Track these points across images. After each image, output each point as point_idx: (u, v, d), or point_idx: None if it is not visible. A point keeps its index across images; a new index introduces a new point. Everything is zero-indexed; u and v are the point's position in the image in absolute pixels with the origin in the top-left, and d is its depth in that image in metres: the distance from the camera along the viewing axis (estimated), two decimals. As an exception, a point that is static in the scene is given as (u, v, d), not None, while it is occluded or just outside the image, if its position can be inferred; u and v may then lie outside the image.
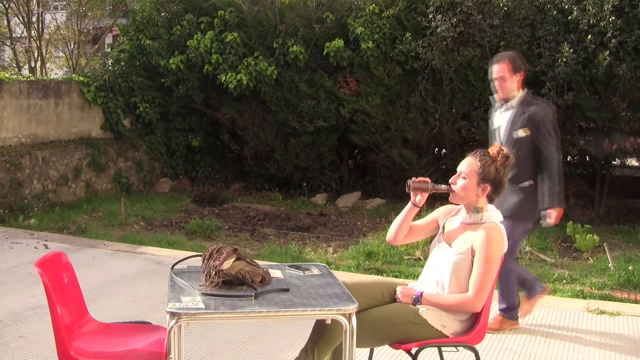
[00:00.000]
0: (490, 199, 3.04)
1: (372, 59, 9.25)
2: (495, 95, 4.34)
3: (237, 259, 2.86)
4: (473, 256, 2.93)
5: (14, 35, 13.96)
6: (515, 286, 4.41)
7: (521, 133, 4.18)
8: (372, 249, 6.85)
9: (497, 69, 4.24)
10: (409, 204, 3.15)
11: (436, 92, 9.11)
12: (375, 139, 9.56)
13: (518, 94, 4.26)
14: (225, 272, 2.78)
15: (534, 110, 4.19)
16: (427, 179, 3.09)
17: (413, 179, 3.10)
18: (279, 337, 4.32)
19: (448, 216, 3.19)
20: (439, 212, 3.24)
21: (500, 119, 4.33)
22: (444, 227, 3.17)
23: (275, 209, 9.50)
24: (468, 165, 3.04)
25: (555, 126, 4.27)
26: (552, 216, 4.22)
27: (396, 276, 5.97)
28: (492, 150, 3.06)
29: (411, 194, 3.12)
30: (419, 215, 3.24)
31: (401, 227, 3.19)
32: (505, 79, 4.22)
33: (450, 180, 3.07)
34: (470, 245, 2.95)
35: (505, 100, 4.28)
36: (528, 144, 4.18)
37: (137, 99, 10.57)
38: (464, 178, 3.01)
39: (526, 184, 4.23)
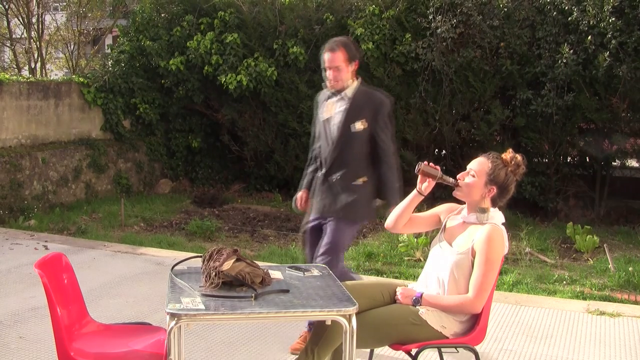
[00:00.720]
0: (494, 203, 3.03)
1: (372, 60, 9.25)
2: (327, 85, 3.91)
3: (237, 260, 2.86)
4: (473, 256, 2.93)
5: (14, 36, 13.96)
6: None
7: (359, 126, 3.82)
8: (372, 250, 6.85)
9: (331, 58, 3.79)
10: (414, 191, 3.12)
11: (436, 93, 9.10)
12: (375, 140, 9.55)
13: (352, 84, 3.87)
14: (225, 273, 2.78)
15: (371, 102, 3.87)
16: (437, 167, 3.08)
17: (425, 162, 3.08)
18: (279, 338, 4.32)
19: (450, 214, 3.18)
20: (441, 208, 3.23)
21: (332, 111, 3.92)
22: (445, 225, 3.17)
23: (275, 210, 9.49)
24: (479, 164, 3.02)
25: (391, 117, 3.94)
26: None
27: (396, 277, 5.97)
28: (506, 155, 3.04)
29: (419, 178, 3.09)
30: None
31: (402, 215, 3.16)
32: (340, 68, 3.79)
33: (458, 176, 3.06)
34: (471, 246, 2.95)
35: (339, 90, 3.87)
36: (364, 137, 3.84)
37: (137, 100, 10.57)
38: (473, 176, 3.01)
39: (360, 181, 3.88)
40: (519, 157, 3.04)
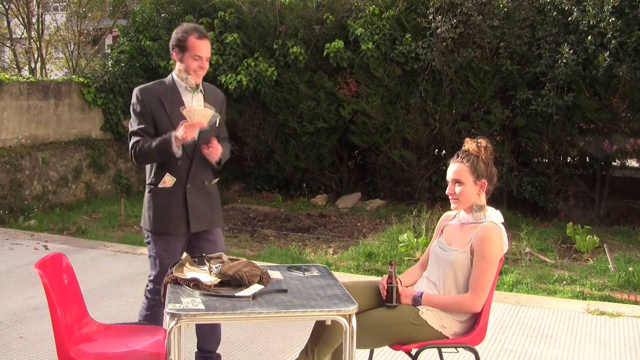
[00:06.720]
0: (488, 193, 3.06)
1: (372, 60, 9.25)
2: (190, 80, 3.59)
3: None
4: (472, 255, 2.94)
5: (14, 36, 13.97)
6: None
7: (218, 118, 3.53)
8: (372, 250, 6.85)
9: (207, 47, 3.52)
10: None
11: (436, 93, 9.10)
12: (375, 140, 9.56)
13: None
14: (223, 273, 2.79)
15: (218, 93, 3.71)
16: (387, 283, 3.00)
17: (382, 286, 3.03)
18: (279, 338, 4.32)
19: (447, 221, 3.22)
20: (440, 223, 3.27)
21: (191, 104, 3.57)
22: (442, 230, 3.19)
23: (275, 210, 9.50)
24: (458, 170, 3.03)
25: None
26: None
27: (396, 277, 5.97)
28: (470, 146, 3.04)
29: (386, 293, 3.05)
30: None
31: (414, 276, 3.24)
32: (207, 59, 3.53)
33: (447, 192, 3.07)
34: (469, 244, 2.95)
35: (198, 84, 3.61)
36: (215, 131, 3.57)
37: (137, 100, 10.56)
38: (460, 184, 3.02)
39: (215, 181, 3.69)
40: (481, 141, 3.05)
